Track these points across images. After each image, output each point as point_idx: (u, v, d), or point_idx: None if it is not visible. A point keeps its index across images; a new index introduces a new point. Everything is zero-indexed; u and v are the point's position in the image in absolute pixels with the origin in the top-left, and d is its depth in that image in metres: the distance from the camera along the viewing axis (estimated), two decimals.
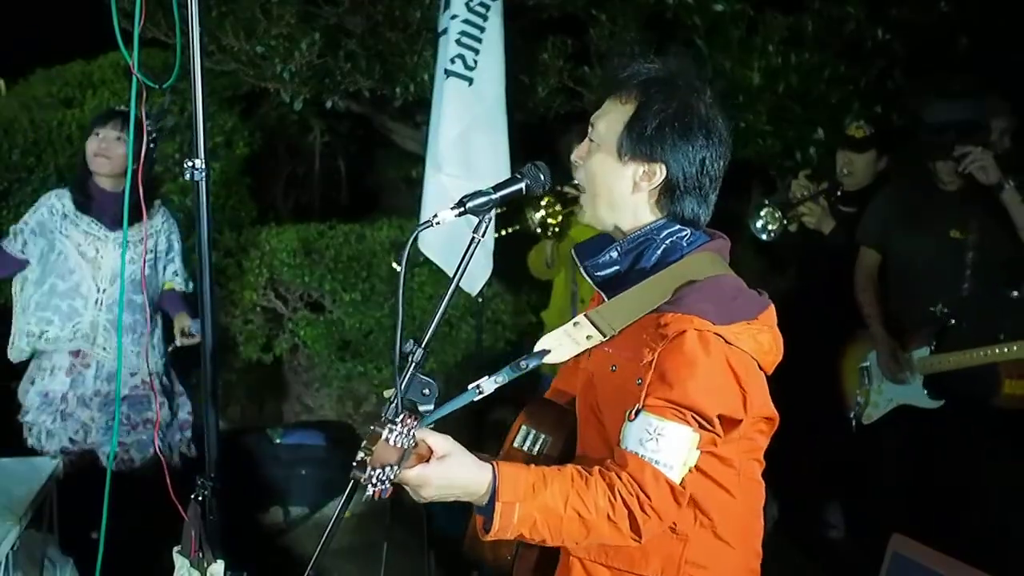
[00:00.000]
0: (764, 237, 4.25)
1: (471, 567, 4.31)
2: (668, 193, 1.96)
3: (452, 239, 4.00)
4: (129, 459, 4.08)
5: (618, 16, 5.17)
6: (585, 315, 1.97)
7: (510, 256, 4.88)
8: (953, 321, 3.84)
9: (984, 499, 3.86)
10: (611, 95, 1.99)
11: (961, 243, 3.86)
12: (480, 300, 4.58)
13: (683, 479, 1.79)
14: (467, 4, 4.21)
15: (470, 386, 1.88)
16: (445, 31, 4.27)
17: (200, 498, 2.75)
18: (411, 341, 1.84)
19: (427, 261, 4.85)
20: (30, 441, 4.03)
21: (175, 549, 2.81)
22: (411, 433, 1.68)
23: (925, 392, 3.92)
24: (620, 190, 1.97)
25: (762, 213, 4.26)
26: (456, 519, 2.21)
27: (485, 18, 4.24)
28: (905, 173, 4.23)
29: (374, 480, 1.64)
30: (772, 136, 4.96)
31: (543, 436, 2.10)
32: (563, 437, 2.10)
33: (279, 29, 5.02)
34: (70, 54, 6.15)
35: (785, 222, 4.29)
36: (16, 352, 4.04)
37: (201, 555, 2.73)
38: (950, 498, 3.86)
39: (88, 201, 3.97)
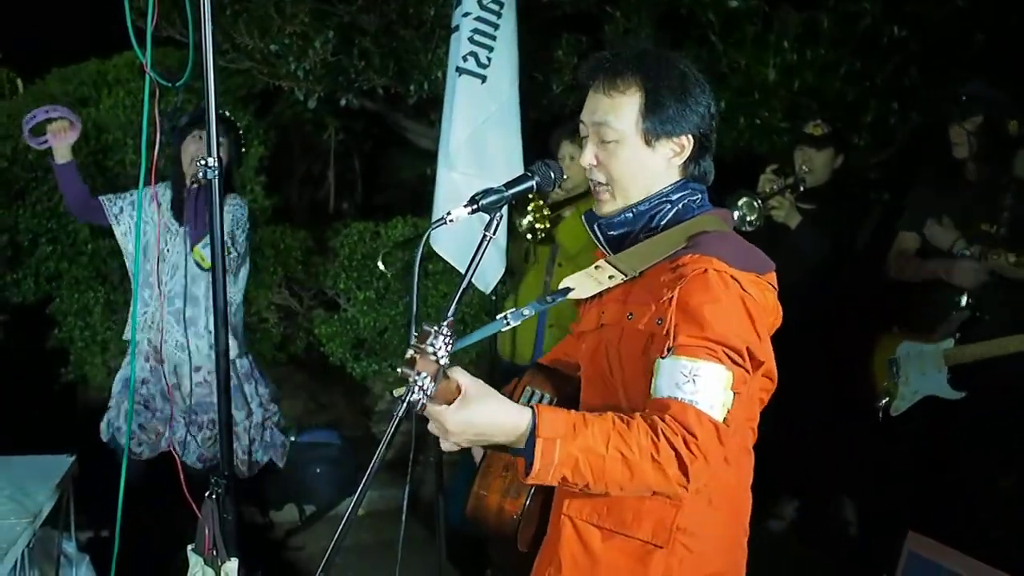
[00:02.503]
0: (745, 228, 4.23)
1: (485, 565, 4.33)
2: (698, 159, 2.03)
3: (464, 237, 4.00)
4: (204, 459, 4.13)
5: (632, 13, 5.16)
6: (605, 259, 2.01)
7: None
8: (978, 313, 3.83)
9: (1006, 493, 3.84)
10: (610, 91, 1.99)
11: (990, 236, 3.85)
12: (493, 298, 4.57)
13: (725, 419, 1.77)
14: (480, 1, 4.20)
15: (498, 316, 1.92)
16: (457, 28, 4.26)
17: (214, 496, 2.76)
18: None
19: (442, 259, 4.85)
20: (107, 434, 4.11)
21: (189, 547, 2.83)
22: (446, 350, 1.68)
23: (949, 383, 3.90)
24: (654, 171, 2.01)
25: (740, 203, 4.23)
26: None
27: (499, 15, 4.22)
28: (939, 164, 4.21)
29: (419, 383, 1.64)
30: (788, 132, 4.94)
31: (547, 396, 2.15)
32: (566, 399, 2.13)
33: (293, 27, 5.03)
34: (86, 53, 6.17)
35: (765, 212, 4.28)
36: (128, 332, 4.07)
37: (215, 553, 2.74)
38: (972, 492, 3.84)
39: (181, 202, 4.02)
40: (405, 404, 1.69)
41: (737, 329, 1.81)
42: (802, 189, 4.39)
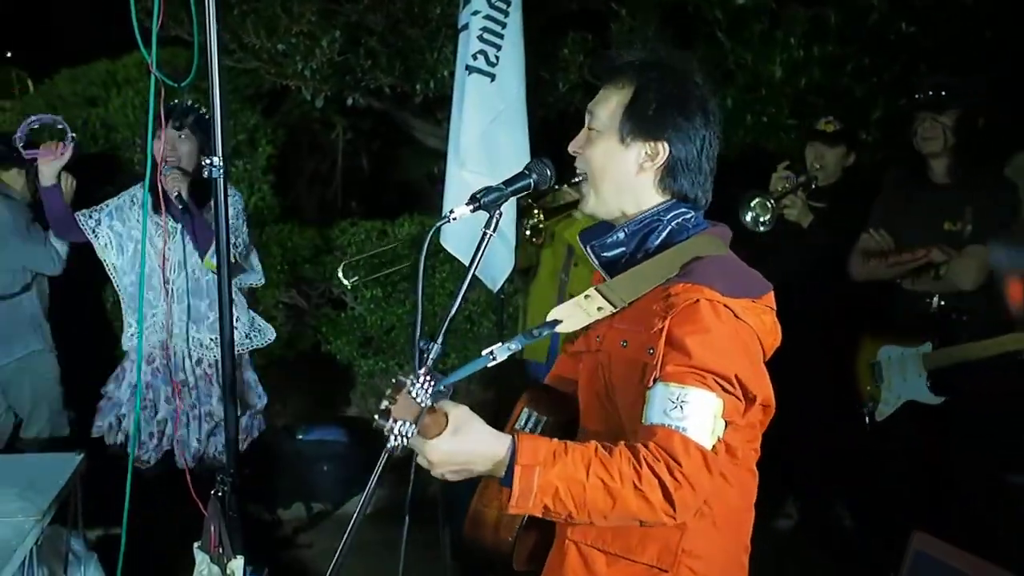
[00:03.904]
0: (760, 228, 4.21)
1: (487, 566, 4.33)
2: (671, 173, 1.98)
3: (476, 234, 4.00)
4: (200, 454, 4.13)
5: (638, 11, 5.15)
6: (596, 288, 1.97)
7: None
8: (954, 316, 3.81)
9: (992, 494, 3.82)
10: (607, 83, 2.02)
11: (955, 235, 3.83)
12: (501, 296, 4.58)
13: (714, 447, 1.75)
14: (488, 0, 4.21)
15: (484, 352, 1.86)
16: (466, 27, 4.26)
17: (220, 494, 2.78)
18: (425, 339, 1.84)
19: (448, 258, 4.86)
20: (119, 437, 4.11)
21: (195, 545, 2.84)
22: (428, 391, 1.69)
23: (928, 388, 3.88)
24: (625, 173, 1.99)
25: (752, 204, 4.22)
26: None
27: (506, 14, 4.23)
28: (902, 165, 4.20)
29: (396, 431, 1.66)
30: (795, 130, 4.93)
31: (544, 419, 2.12)
32: (563, 421, 2.12)
33: (300, 27, 5.05)
34: (95, 53, 6.19)
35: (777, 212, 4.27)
36: (128, 342, 4.09)
37: (221, 551, 2.75)
38: (972, 493, 3.82)
39: (156, 198, 4.00)
40: (387, 454, 1.73)
41: (726, 358, 1.79)
42: (814, 187, 4.38)
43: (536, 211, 4.28)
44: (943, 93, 3.88)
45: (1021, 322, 3.59)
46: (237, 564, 2.76)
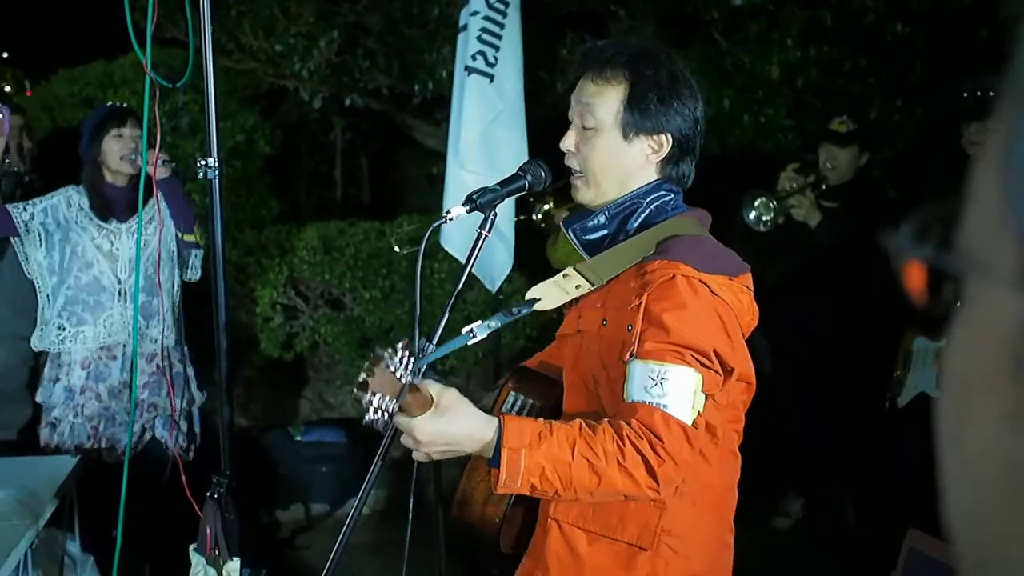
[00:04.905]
0: (760, 228, 4.23)
1: (488, 563, 4.33)
2: (673, 160, 2.02)
3: (473, 235, 4.00)
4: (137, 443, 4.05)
5: (637, 11, 5.16)
6: (574, 267, 2.00)
7: (531, 251, 4.87)
8: None
9: None
10: (596, 78, 2.01)
11: None
12: (500, 296, 4.57)
13: (695, 422, 1.78)
14: (487, 0, 4.21)
15: (464, 330, 1.89)
16: (465, 27, 4.26)
17: (216, 496, 2.77)
18: (423, 339, 1.85)
19: (447, 258, 4.85)
20: (54, 440, 3.95)
21: (191, 547, 2.83)
22: (408, 368, 1.70)
23: (937, 383, 3.90)
24: (630, 167, 2.01)
25: (756, 204, 4.23)
26: None
27: (505, 14, 4.23)
28: (949, 164, 4.21)
29: (375, 403, 1.66)
30: (792, 130, 4.93)
31: (530, 402, 2.15)
32: (550, 405, 2.14)
33: (298, 27, 5.05)
34: (92, 54, 6.19)
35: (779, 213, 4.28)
36: (46, 342, 3.96)
37: (216, 552, 2.74)
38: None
39: (104, 203, 3.96)
40: (389, 430, 1.77)
41: (703, 333, 1.81)
42: (824, 187, 4.38)
43: (548, 197, 4.28)
44: (990, 94, 3.89)
45: (921, 311, 3.61)
46: (233, 566, 2.76)
